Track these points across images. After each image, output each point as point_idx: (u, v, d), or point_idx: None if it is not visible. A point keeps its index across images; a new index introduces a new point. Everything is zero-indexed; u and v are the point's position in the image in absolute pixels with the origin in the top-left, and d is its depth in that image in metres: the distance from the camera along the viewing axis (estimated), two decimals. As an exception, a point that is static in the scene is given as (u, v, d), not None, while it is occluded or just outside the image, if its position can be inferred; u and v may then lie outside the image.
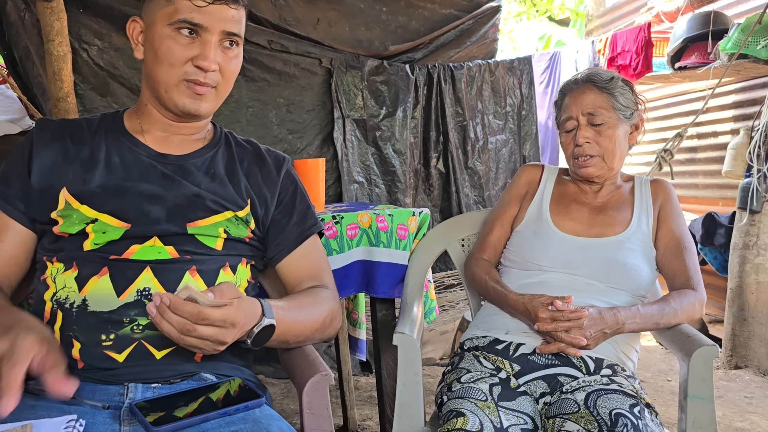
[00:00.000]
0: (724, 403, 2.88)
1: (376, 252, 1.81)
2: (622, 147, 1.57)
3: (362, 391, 2.91)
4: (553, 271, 1.51)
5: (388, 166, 3.22)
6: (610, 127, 1.54)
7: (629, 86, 1.58)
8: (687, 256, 1.50)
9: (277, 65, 2.95)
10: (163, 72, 1.12)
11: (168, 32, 1.10)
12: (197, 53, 1.11)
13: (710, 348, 1.31)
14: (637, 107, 1.58)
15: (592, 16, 5.73)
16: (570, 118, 1.58)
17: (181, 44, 1.10)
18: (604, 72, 1.58)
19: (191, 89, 1.13)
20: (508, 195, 1.72)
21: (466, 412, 1.22)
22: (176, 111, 1.16)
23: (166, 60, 1.11)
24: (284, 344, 1.16)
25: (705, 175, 4.43)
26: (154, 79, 1.15)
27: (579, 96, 1.56)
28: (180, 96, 1.14)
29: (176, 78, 1.12)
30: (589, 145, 1.55)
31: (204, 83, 1.13)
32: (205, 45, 1.11)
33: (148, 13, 1.14)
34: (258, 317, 1.02)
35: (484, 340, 1.47)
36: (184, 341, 0.94)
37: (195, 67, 1.11)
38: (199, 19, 1.10)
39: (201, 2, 1.09)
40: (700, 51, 3.63)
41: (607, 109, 1.53)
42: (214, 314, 0.92)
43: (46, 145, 1.16)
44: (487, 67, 3.51)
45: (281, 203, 1.29)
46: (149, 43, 1.14)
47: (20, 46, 2.47)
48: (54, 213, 1.11)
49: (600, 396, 1.23)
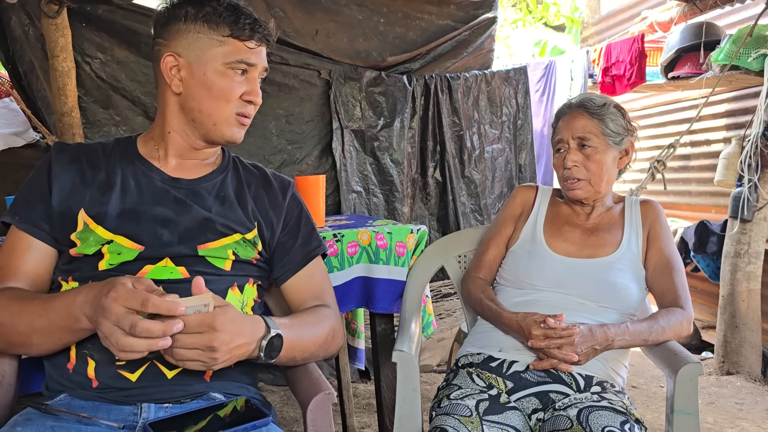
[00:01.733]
0: (716, 409, 2.94)
1: (376, 269, 1.87)
2: (609, 172, 1.63)
3: (361, 399, 2.96)
4: (546, 291, 1.57)
5: (386, 175, 3.27)
6: (599, 152, 1.59)
7: (621, 112, 1.63)
8: (675, 275, 1.56)
9: (276, 77, 3.00)
10: (217, 107, 1.21)
11: (223, 70, 1.19)
12: (247, 89, 1.22)
13: (695, 365, 1.37)
14: (627, 133, 1.63)
15: (588, 24, 5.79)
16: (561, 140, 1.64)
17: (236, 82, 1.21)
18: (598, 98, 1.64)
19: (239, 121, 1.24)
20: (503, 215, 1.77)
21: (449, 429, 1.27)
22: (221, 141, 1.26)
23: (223, 96, 1.20)
24: (292, 361, 1.20)
25: (698, 183, 4.49)
26: (203, 113, 1.21)
27: (571, 120, 1.63)
28: (230, 128, 1.23)
29: (229, 112, 1.22)
30: (577, 169, 1.61)
31: (250, 116, 1.25)
32: (252, 81, 1.23)
33: (192, 50, 1.19)
34: (263, 330, 1.08)
35: (479, 357, 1.53)
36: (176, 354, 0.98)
37: (245, 102, 1.22)
38: (253, 60, 1.21)
39: (253, 44, 1.21)
40: (692, 61, 3.70)
41: (596, 134, 1.59)
42: (189, 318, 0.97)
43: (64, 169, 1.21)
44: (483, 77, 3.56)
45: (287, 226, 1.35)
46: (198, 79, 1.19)
47: (25, 61, 2.50)
48: (73, 235, 1.15)
49: (591, 412, 1.28)
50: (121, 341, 0.93)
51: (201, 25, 1.18)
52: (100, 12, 2.56)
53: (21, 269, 1.16)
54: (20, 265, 1.16)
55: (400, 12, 3.38)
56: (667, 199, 4.65)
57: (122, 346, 0.94)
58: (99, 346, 1.10)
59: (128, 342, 0.93)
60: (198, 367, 1.01)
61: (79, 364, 1.11)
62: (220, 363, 1.02)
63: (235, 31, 1.18)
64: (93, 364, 1.10)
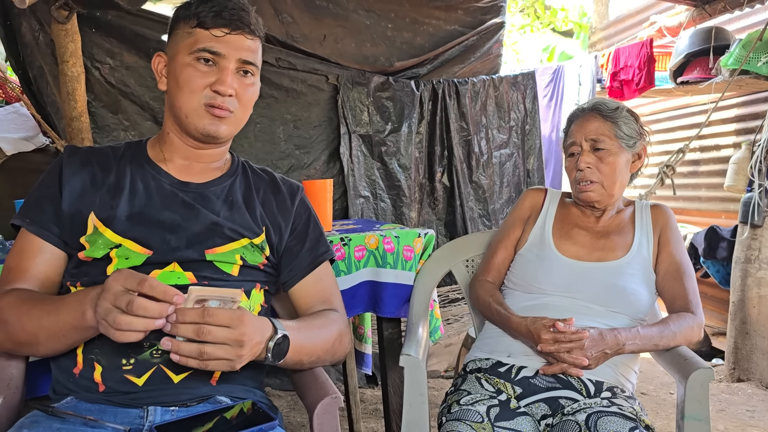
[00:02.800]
0: (726, 416, 2.91)
1: (383, 273, 1.86)
2: (622, 174, 1.62)
3: (368, 404, 2.95)
4: (554, 294, 1.56)
5: (394, 180, 3.27)
6: (612, 155, 1.59)
7: (634, 116, 1.63)
8: (686, 280, 1.54)
9: (284, 82, 3.00)
10: (184, 98, 1.18)
11: (188, 61, 1.17)
12: (215, 79, 1.17)
13: (706, 371, 1.36)
14: (640, 137, 1.62)
15: (596, 29, 5.78)
16: (574, 143, 1.63)
17: (200, 71, 1.17)
18: (611, 102, 1.64)
19: (210, 112, 1.19)
20: (512, 218, 1.76)
21: None
22: (197, 135, 1.22)
23: (187, 87, 1.18)
24: (299, 364, 1.19)
25: (708, 188, 4.46)
26: (175, 106, 1.20)
27: (584, 123, 1.62)
28: (200, 119, 1.19)
29: (196, 103, 1.18)
30: (590, 171, 1.60)
31: (222, 107, 1.19)
32: (222, 71, 1.18)
33: (171, 47, 1.22)
34: (270, 331, 1.06)
35: (487, 363, 1.52)
36: (206, 353, 0.95)
37: (213, 92, 1.18)
38: (218, 48, 1.17)
39: (219, 32, 1.17)
40: (701, 66, 3.67)
41: (609, 137, 1.58)
42: (220, 312, 0.96)
43: (75, 172, 1.21)
44: (491, 82, 3.56)
45: (295, 231, 1.34)
46: (172, 74, 1.20)
47: (35, 66, 2.52)
48: (83, 238, 1.16)
49: (600, 418, 1.27)
50: (118, 319, 0.93)
51: (180, 23, 1.20)
52: (109, 17, 2.58)
53: (31, 271, 1.16)
54: (30, 267, 1.16)
55: (408, 17, 3.39)
56: (677, 204, 4.63)
57: (119, 324, 0.93)
58: (106, 351, 1.10)
59: (125, 320, 0.93)
60: (222, 367, 0.99)
61: (86, 369, 1.11)
62: (242, 360, 1.00)
63: (201, 19, 1.17)
64: (99, 369, 1.10)
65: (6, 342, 1.11)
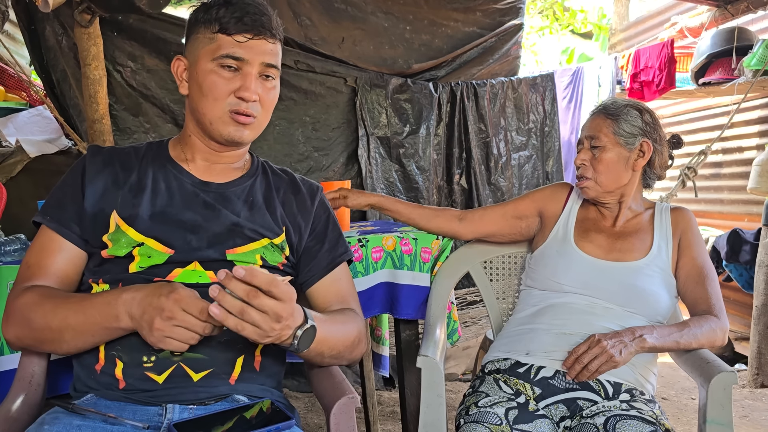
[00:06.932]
0: (750, 422, 2.86)
1: (400, 274, 1.85)
2: (617, 171, 1.61)
3: (385, 406, 2.95)
4: (572, 293, 1.55)
5: (412, 182, 3.27)
6: (605, 151, 1.60)
7: (642, 114, 1.61)
8: (709, 284, 1.52)
9: (303, 84, 3.02)
10: (208, 105, 1.19)
11: (212, 67, 1.17)
12: (239, 85, 1.17)
13: (729, 374, 1.33)
14: (643, 133, 1.60)
15: (616, 30, 5.73)
16: (580, 141, 1.68)
17: (224, 78, 1.17)
18: (621, 100, 1.65)
19: (235, 119, 1.19)
20: (529, 194, 1.81)
21: None
22: (221, 140, 1.23)
23: (211, 94, 1.18)
24: (319, 357, 1.18)
25: (730, 191, 4.41)
26: (199, 112, 1.21)
27: (589, 122, 1.67)
28: (225, 126, 1.20)
29: (221, 110, 1.18)
30: (585, 167, 1.63)
31: (246, 113, 1.19)
32: (246, 77, 1.17)
33: (192, 52, 1.21)
34: (302, 319, 1.05)
35: (506, 363, 1.51)
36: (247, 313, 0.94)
37: (237, 99, 1.18)
38: (241, 54, 1.17)
39: (242, 38, 1.17)
40: (724, 67, 3.63)
41: (606, 133, 1.60)
42: (281, 286, 0.96)
43: (98, 171, 1.22)
44: (509, 84, 3.54)
45: (314, 231, 1.34)
46: (194, 79, 1.20)
47: (58, 69, 2.56)
48: (105, 236, 1.17)
49: (619, 421, 1.26)
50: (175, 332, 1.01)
51: (200, 27, 1.20)
52: (131, 21, 2.62)
53: (51, 269, 1.17)
54: (50, 264, 1.17)
55: (426, 19, 3.39)
56: (699, 207, 4.57)
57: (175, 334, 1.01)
58: (128, 348, 1.11)
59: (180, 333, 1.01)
60: (253, 335, 0.97)
61: (108, 365, 1.12)
62: (271, 336, 0.98)
63: (223, 25, 1.16)
64: (121, 365, 1.11)
65: (27, 339, 1.12)
